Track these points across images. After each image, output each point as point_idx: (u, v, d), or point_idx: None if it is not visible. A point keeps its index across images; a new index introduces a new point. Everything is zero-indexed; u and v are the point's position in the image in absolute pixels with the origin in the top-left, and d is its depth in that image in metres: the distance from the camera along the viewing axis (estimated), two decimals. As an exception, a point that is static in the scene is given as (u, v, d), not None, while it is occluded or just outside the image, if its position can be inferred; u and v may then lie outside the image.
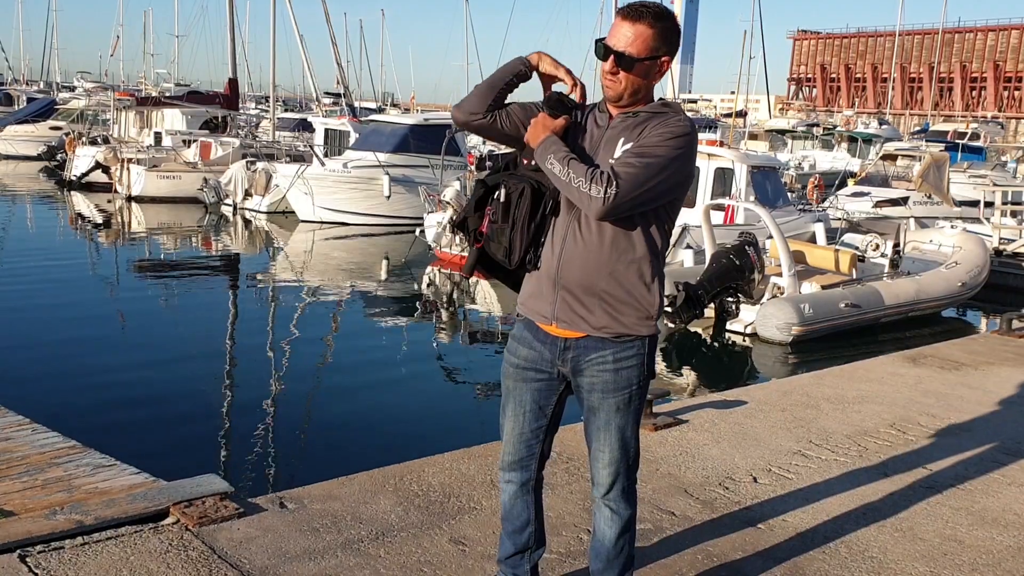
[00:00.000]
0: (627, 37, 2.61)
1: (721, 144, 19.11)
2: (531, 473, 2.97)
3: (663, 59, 2.67)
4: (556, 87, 2.78)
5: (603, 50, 2.65)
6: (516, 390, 2.89)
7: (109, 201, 23.38)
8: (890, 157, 28.06)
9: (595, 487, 2.91)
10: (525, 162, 2.81)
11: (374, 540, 3.64)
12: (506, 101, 2.80)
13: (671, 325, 11.21)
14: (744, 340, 11.22)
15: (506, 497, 3.03)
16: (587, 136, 2.75)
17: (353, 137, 23.93)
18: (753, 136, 41.78)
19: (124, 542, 3.47)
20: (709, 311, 11.31)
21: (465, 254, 15.49)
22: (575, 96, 2.75)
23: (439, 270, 15.97)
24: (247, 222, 21.83)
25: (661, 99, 2.77)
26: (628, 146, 2.64)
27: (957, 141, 40.39)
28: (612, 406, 2.77)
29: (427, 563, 3.48)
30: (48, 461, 4.35)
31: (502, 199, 2.77)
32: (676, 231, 13.45)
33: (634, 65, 2.63)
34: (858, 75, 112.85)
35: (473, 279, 15.23)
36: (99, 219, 21.58)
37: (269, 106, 31.31)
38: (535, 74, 2.78)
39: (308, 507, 3.90)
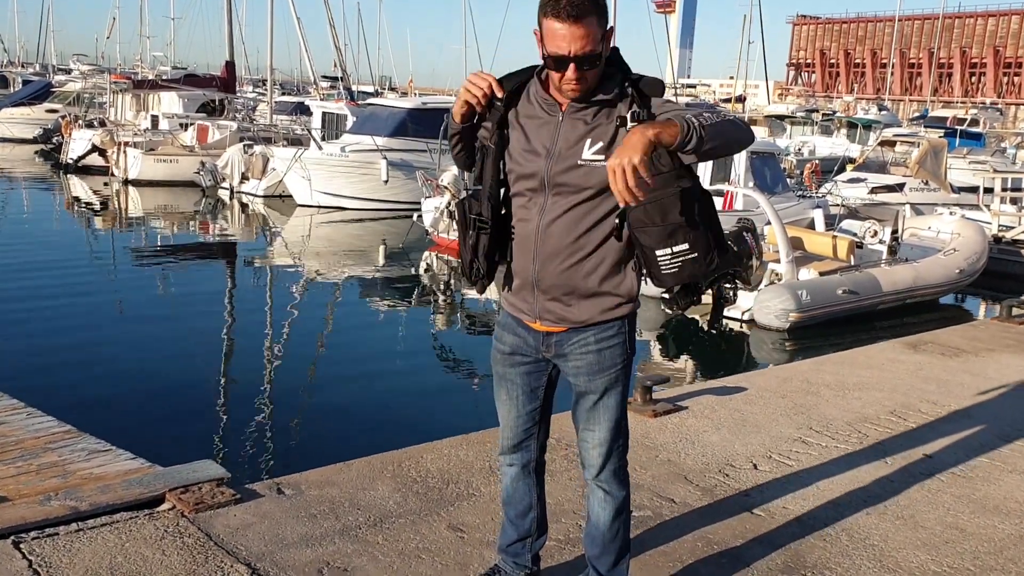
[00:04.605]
0: (579, 38, 2.43)
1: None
2: (532, 454, 2.99)
3: (608, 32, 2.53)
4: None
5: (557, 62, 2.49)
6: (506, 375, 2.90)
7: (105, 184, 23.27)
8: (888, 143, 27.91)
9: (586, 469, 2.91)
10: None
11: (372, 526, 3.61)
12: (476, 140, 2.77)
13: (669, 311, 11.17)
14: (741, 327, 11.20)
15: (507, 481, 3.04)
16: (537, 123, 2.65)
17: (351, 121, 23.81)
18: (752, 121, 41.52)
19: (119, 528, 3.43)
20: (706, 297, 11.20)
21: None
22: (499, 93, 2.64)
23: (436, 255, 15.92)
24: (244, 206, 21.74)
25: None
26: (599, 145, 2.54)
27: (956, 127, 40.25)
28: (599, 387, 2.77)
29: (425, 550, 3.45)
30: (43, 446, 4.31)
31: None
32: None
33: (599, 61, 2.50)
34: (857, 60, 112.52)
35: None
36: (95, 202, 21.50)
37: (267, 89, 31.12)
38: (475, 116, 2.70)
39: (305, 493, 3.87)
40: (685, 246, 2.50)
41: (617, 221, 2.58)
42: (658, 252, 2.51)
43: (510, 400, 2.93)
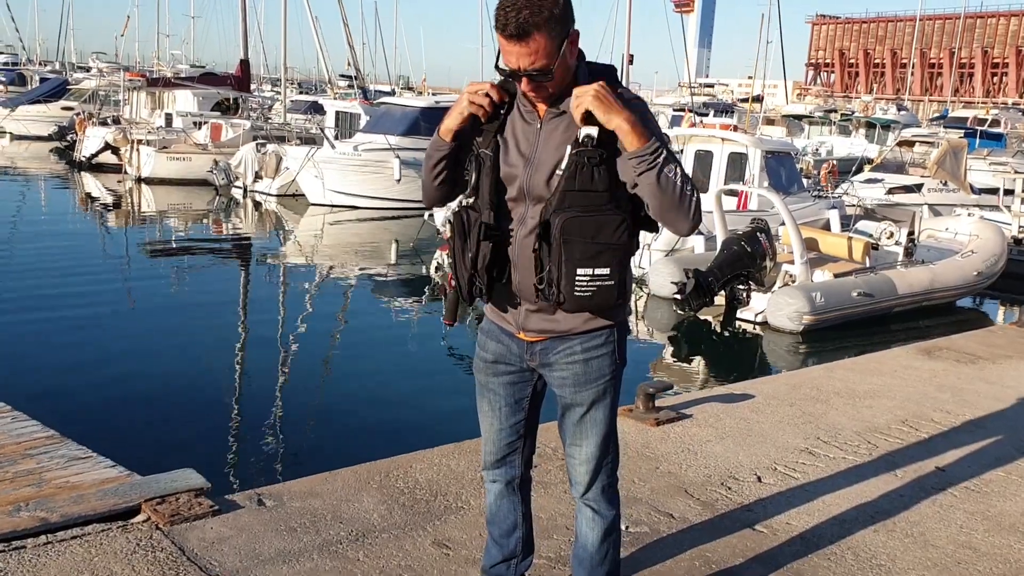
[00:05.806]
0: (526, 55, 2.33)
1: (736, 129, 18.82)
2: (516, 470, 2.84)
3: (571, 37, 2.38)
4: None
5: (508, 74, 2.40)
6: (489, 385, 2.77)
7: (119, 182, 23.27)
8: (907, 143, 27.61)
9: (573, 487, 2.77)
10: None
11: (353, 542, 3.46)
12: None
13: (681, 312, 11.01)
14: (754, 329, 11.00)
15: (491, 498, 2.90)
16: (518, 131, 2.53)
17: (364, 120, 23.71)
18: (770, 121, 41.33)
19: (89, 542, 3.30)
20: (719, 299, 11.09)
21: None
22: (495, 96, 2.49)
23: (447, 255, 15.75)
24: (257, 205, 21.68)
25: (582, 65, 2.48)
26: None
27: (976, 127, 39.74)
28: (586, 399, 2.62)
29: (407, 567, 3.30)
30: (23, 452, 4.17)
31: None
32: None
33: (551, 74, 2.37)
34: (877, 60, 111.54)
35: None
36: (108, 200, 21.48)
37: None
38: (461, 133, 2.55)
39: (287, 505, 3.72)
40: (606, 271, 2.41)
41: (539, 230, 2.44)
42: (579, 271, 2.39)
43: (492, 412, 2.79)
